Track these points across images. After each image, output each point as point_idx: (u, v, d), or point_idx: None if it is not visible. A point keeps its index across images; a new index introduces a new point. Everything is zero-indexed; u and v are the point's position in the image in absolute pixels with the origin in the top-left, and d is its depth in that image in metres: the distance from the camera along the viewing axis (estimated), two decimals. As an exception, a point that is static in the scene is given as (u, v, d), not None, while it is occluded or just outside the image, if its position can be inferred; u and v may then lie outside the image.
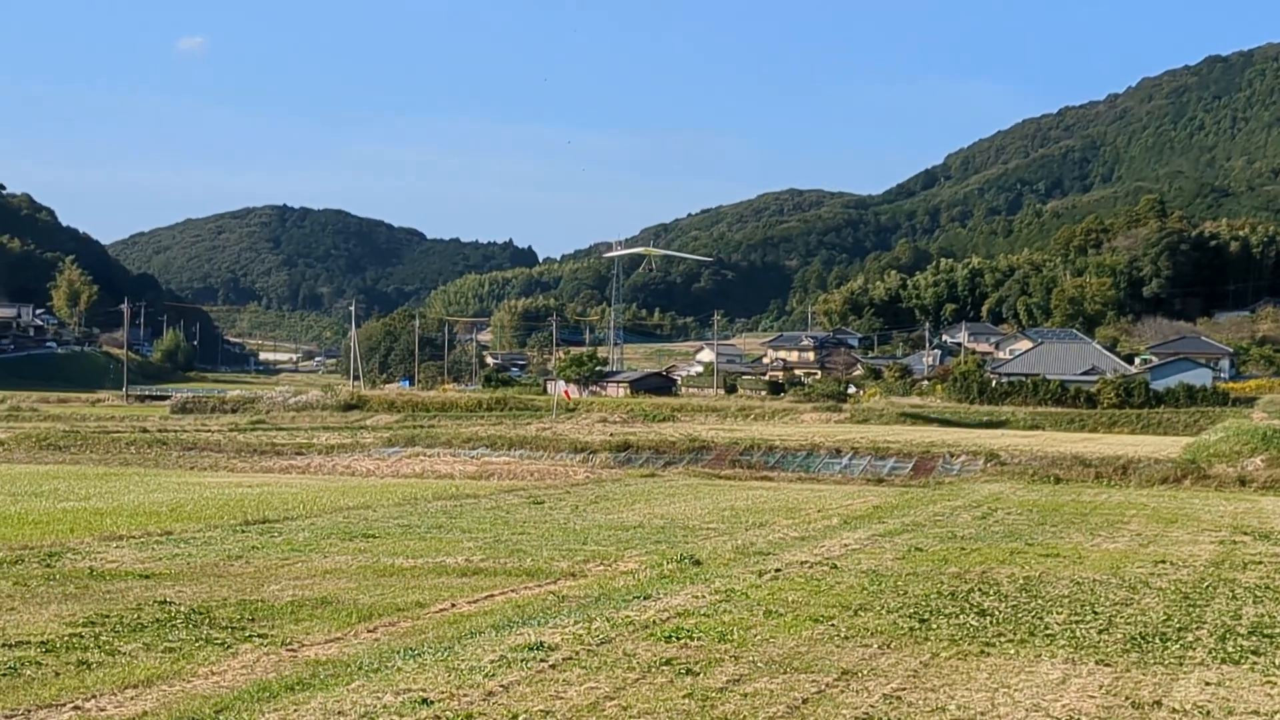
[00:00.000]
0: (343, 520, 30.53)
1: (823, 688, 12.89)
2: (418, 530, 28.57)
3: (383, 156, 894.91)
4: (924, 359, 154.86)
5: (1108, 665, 14.38)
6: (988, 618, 17.34)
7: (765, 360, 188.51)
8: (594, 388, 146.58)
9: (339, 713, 11.58)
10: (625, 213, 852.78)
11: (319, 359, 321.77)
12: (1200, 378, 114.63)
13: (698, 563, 22.73)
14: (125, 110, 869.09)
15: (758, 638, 15.47)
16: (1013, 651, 15.09)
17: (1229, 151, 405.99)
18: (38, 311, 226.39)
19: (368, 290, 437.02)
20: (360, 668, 13.58)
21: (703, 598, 18.53)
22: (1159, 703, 12.61)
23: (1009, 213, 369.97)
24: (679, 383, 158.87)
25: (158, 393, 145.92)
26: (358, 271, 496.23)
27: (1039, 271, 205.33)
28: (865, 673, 13.65)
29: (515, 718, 11.52)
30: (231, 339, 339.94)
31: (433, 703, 11.89)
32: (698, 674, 13.30)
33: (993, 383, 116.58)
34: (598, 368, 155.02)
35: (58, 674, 13.64)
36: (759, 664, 13.92)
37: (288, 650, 15.00)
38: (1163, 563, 23.90)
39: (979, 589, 20.00)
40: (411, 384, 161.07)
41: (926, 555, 24.51)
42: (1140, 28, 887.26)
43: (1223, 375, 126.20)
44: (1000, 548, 26.11)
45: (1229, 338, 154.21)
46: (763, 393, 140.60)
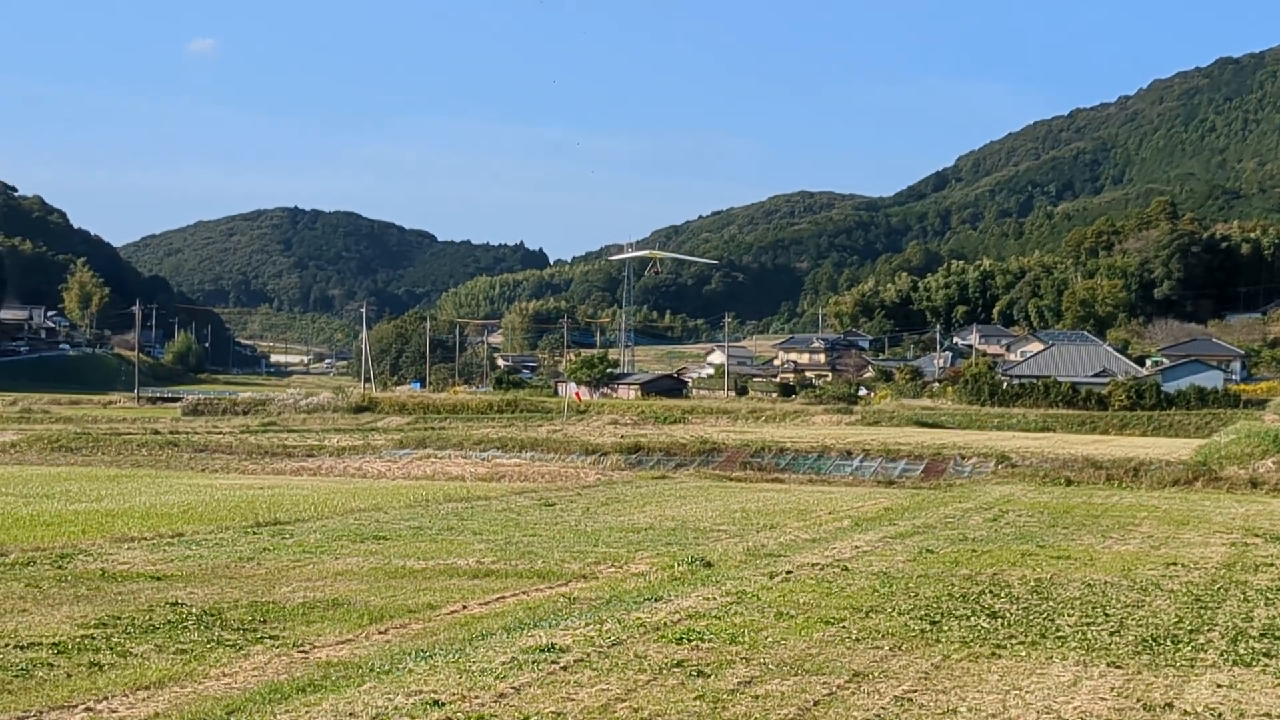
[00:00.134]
0: (354, 522, 30.53)
1: (834, 690, 12.88)
2: (429, 532, 28.55)
3: (393, 158, 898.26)
4: (935, 361, 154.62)
5: (1119, 667, 14.35)
6: (999, 620, 17.31)
7: (776, 362, 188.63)
8: (605, 390, 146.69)
9: (350, 714, 11.59)
10: (636, 215, 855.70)
11: (330, 361, 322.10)
12: (1212, 380, 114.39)
13: (709, 565, 22.71)
14: (136, 112, 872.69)
15: (769, 640, 15.45)
16: (1024, 653, 15.06)
17: (1240, 153, 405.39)
18: (49, 313, 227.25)
19: (379, 292, 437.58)
20: (372, 669, 13.59)
21: (714, 600, 18.51)
22: (1170, 705, 12.58)
23: (1020, 215, 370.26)
24: (690, 385, 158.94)
25: (169, 395, 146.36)
26: (369, 273, 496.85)
27: (1050, 273, 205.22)
28: (877, 675, 13.63)
29: (526, 719, 11.54)
30: (243, 341, 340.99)
31: (444, 704, 11.90)
32: (709, 676, 13.29)
33: (1004, 385, 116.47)
34: (609, 370, 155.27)
35: (69, 675, 13.67)
36: (770, 666, 13.91)
37: (299, 652, 15.02)
38: (1174, 565, 23.84)
39: (990, 591, 19.96)
40: (423, 386, 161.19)
41: (938, 557, 24.47)
42: (1151, 29, 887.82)
43: (1234, 377, 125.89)
44: (1011, 550, 26.06)
45: (1240, 340, 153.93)
46: (774, 395, 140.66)
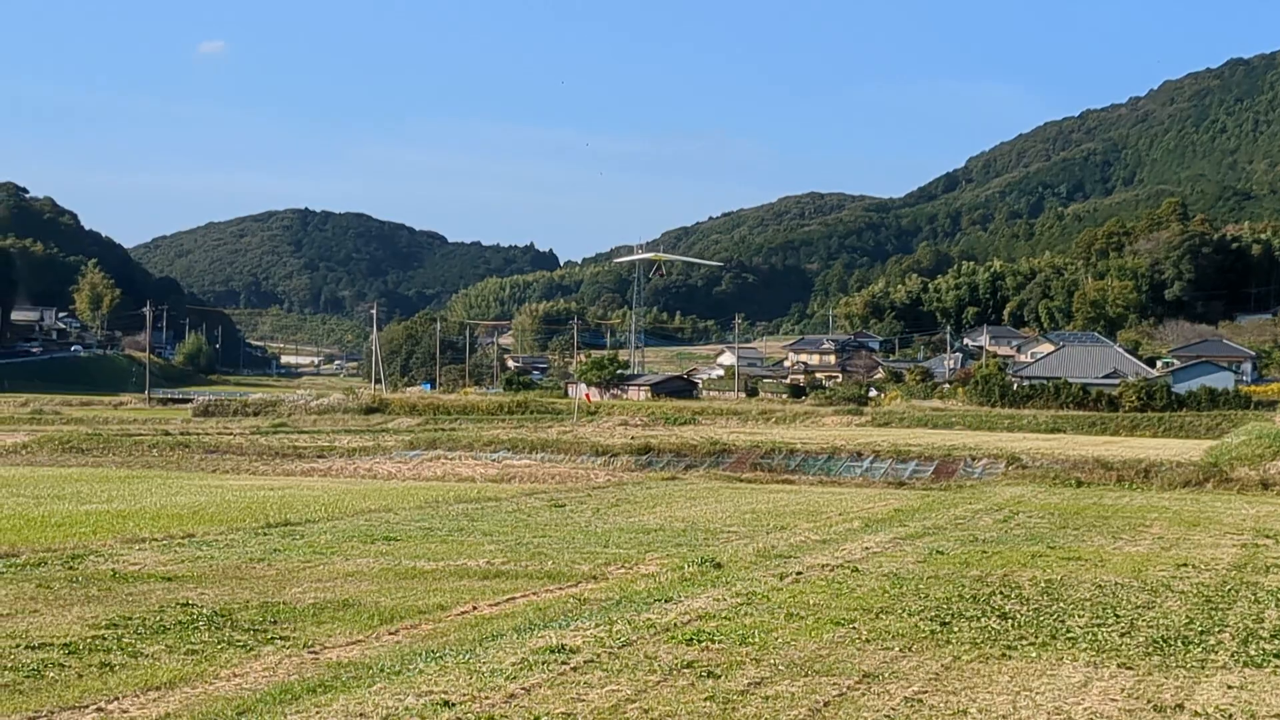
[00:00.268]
0: (364, 523, 30.55)
1: (844, 691, 12.88)
2: (439, 533, 28.56)
3: (403, 159, 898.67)
4: (945, 362, 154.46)
5: (1130, 668, 14.34)
6: (1009, 621, 17.30)
7: (786, 363, 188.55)
8: (615, 391, 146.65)
9: (361, 715, 11.61)
10: (646, 216, 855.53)
11: (340, 362, 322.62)
12: (1222, 381, 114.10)
13: (718, 566, 22.71)
14: (147, 114, 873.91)
15: (779, 640, 15.45)
16: (1034, 654, 15.06)
17: (1251, 154, 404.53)
18: (61, 315, 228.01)
19: (389, 293, 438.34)
20: (382, 670, 13.61)
21: (724, 600, 18.52)
22: (1181, 706, 12.57)
23: (1030, 216, 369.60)
24: (700, 386, 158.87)
25: (180, 396, 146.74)
26: (379, 275, 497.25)
27: (1060, 275, 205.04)
28: (887, 676, 13.64)
29: (537, 719, 11.55)
30: (253, 342, 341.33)
31: (454, 705, 11.91)
32: (719, 677, 13.30)
33: (1014, 386, 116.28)
34: (619, 371, 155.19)
35: (80, 676, 13.71)
36: (780, 667, 13.91)
37: (310, 652, 15.05)
38: (1185, 566, 23.81)
39: (1000, 592, 19.95)
40: (433, 387, 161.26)
41: (948, 558, 24.45)
42: (1162, 30, 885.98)
43: (1245, 378, 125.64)
44: (1022, 551, 26.02)
45: (1251, 341, 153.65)
46: (784, 396, 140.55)
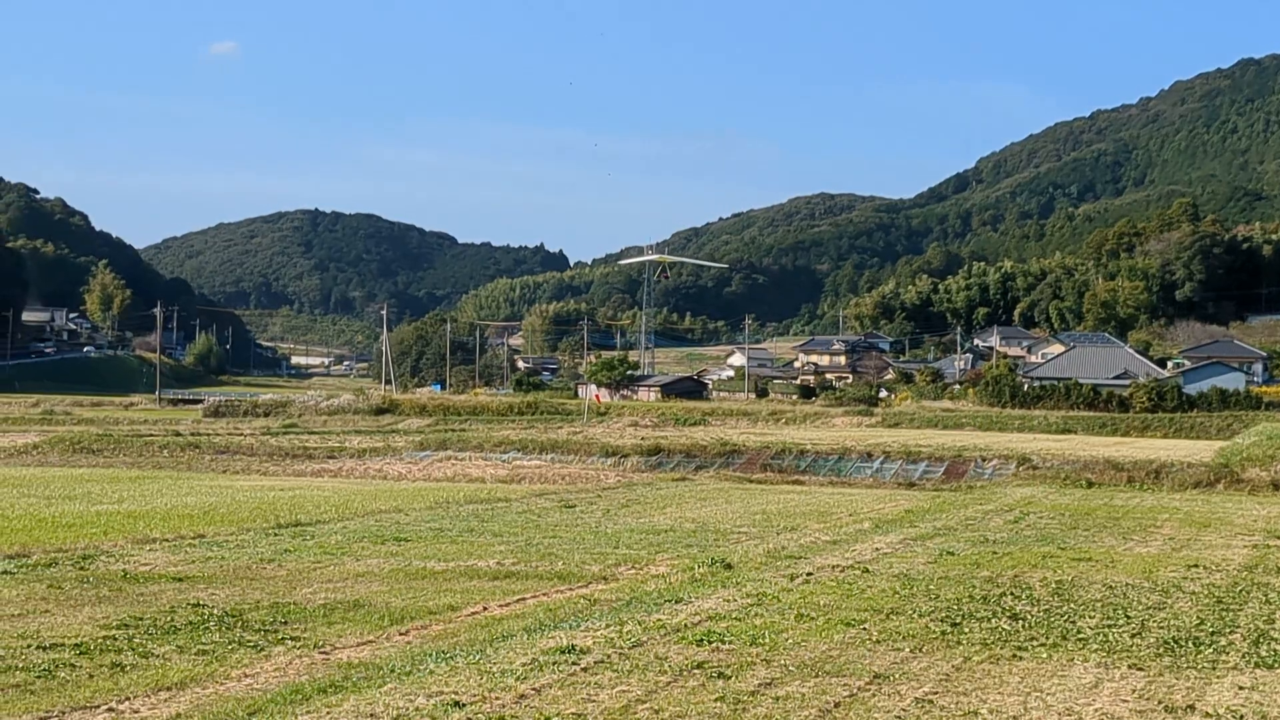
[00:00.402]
0: (374, 524, 30.59)
1: (854, 691, 12.88)
2: (449, 534, 28.59)
3: (413, 160, 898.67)
4: (955, 363, 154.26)
5: (1140, 669, 14.32)
6: (1020, 622, 17.28)
7: (796, 364, 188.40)
8: (625, 392, 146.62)
9: (371, 715, 11.62)
10: (656, 217, 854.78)
11: (350, 363, 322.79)
12: (1233, 381, 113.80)
13: (729, 566, 22.70)
14: (158, 115, 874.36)
15: (789, 641, 15.45)
16: (1045, 655, 15.04)
17: (1262, 155, 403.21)
18: (71, 315, 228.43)
19: (399, 294, 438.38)
20: (392, 670, 13.63)
21: (734, 601, 18.52)
22: (1192, 707, 12.55)
23: (1041, 216, 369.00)
24: (710, 387, 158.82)
25: (190, 396, 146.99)
26: (389, 275, 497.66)
27: (1071, 275, 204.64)
28: (897, 676, 13.63)
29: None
30: (263, 343, 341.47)
31: (465, 705, 11.92)
32: (729, 677, 13.29)
33: (1025, 387, 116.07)
34: (629, 372, 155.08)
35: (92, 676, 13.74)
36: (790, 668, 13.91)
37: (320, 653, 15.07)
38: (1195, 567, 23.76)
39: (1011, 593, 19.93)
40: (443, 388, 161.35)
41: (958, 559, 24.43)
42: (1172, 31, 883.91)
43: (1256, 379, 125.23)
44: (1032, 552, 25.99)
45: (1262, 341, 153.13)
46: (794, 396, 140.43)
